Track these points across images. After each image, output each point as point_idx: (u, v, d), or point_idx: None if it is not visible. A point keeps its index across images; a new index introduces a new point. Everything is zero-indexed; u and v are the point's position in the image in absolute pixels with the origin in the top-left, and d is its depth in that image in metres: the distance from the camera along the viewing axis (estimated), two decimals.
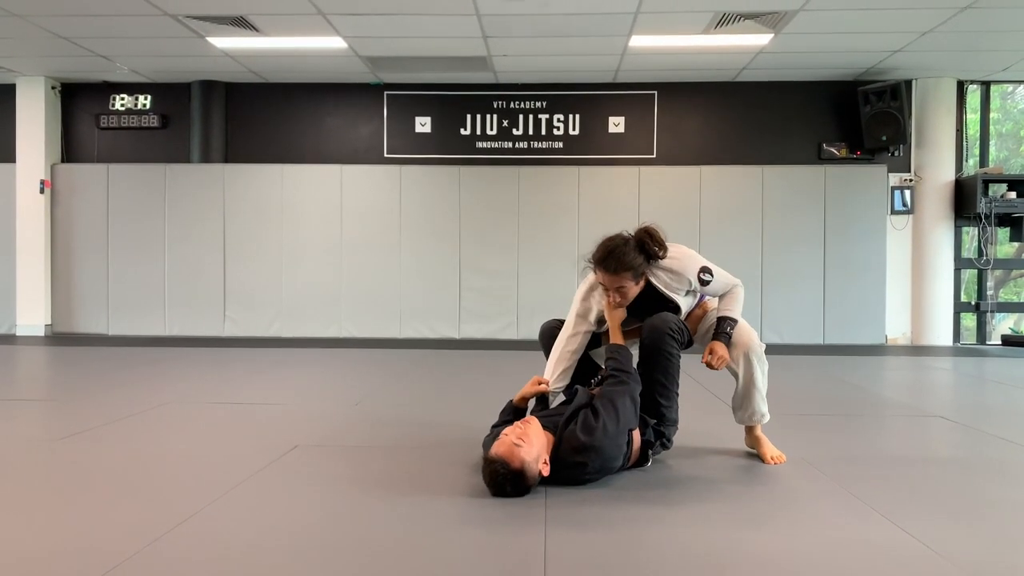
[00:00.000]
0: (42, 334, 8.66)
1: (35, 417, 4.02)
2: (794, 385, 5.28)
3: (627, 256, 2.79)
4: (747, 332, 3.04)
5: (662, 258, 2.86)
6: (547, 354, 3.11)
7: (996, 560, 2.01)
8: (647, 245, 2.83)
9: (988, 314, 8.65)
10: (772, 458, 3.05)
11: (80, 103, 8.89)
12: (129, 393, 4.64)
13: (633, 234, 2.87)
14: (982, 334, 8.64)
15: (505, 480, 2.47)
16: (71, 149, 8.92)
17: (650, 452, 2.86)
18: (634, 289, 2.86)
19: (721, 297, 3.04)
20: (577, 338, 3.01)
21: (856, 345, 8.18)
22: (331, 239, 8.67)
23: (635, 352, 3.00)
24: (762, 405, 3.07)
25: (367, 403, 4.37)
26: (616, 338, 2.93)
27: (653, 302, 2.94)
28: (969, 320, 8.79)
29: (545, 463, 2.55)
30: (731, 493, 2.63)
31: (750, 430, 3.17)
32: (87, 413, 3.97)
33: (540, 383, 2.98)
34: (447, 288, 8.62)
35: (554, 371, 3.00)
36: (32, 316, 8.69)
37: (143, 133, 8.85)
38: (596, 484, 2.65)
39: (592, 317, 3.02)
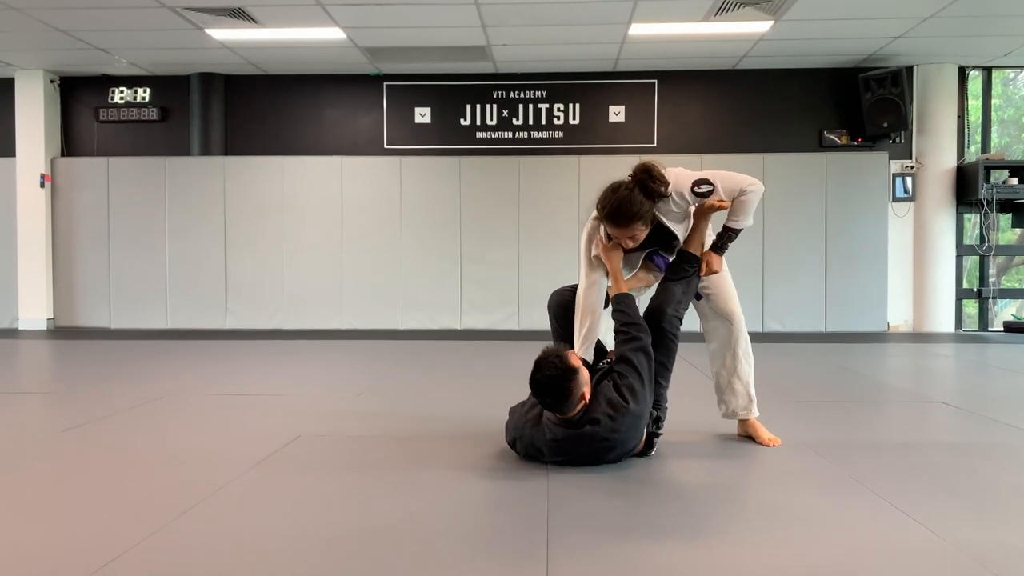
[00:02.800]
0: (44, 328, 8.67)
1: (38, 410, 4.03)
2: (796, 373, 5.28)
3: (635, 206, 2.66)
4: (736, 323, 3.05)
5: (666, 195, 2.74)
6: (558, 324, 3.01)
7: (999, 544, 2.01)
8: (650, 186, 2.69)
9: (990, 301, 8.63)
10: (768, 439, 3.06)
11: (79, 96, 8.87)
12: (131, 385, 4.65)
13: (633, 178, 2.71)
14: (984, 321, 8.63)
15: (553, 377, 2.52)
16: (71, 143, 8.91)
17: (655, 441, 2.87)
18: (644, 232, 2.76)
19: (734, 202, 2.84)
20: (595, 288, 2.88)
21: (858, 333, 8.17)
22: (332, 231, 8.66)
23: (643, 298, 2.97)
24: (735, 399, 3.07)
25: (369, 394, 4.38)
26: (619, 286, 2.85)
27: (657, 233, 2.85)
28: (971, 307, 8.78)
29: (587, 396, 2.60)
30: (733, 481, 2.63)
31: (743, 422, 3.16)
32: (90, 405, 3.98)
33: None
34: (448, 279, 8.61)
35: (580, 332, 2.87)
36: (34, 310, 8.70)
37: (142, 126, 8.84)
38: (599, 472, 2.65)
39: (597, 264, 2.90)
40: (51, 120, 8.75)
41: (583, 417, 2.61)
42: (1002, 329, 8.58)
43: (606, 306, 2.93)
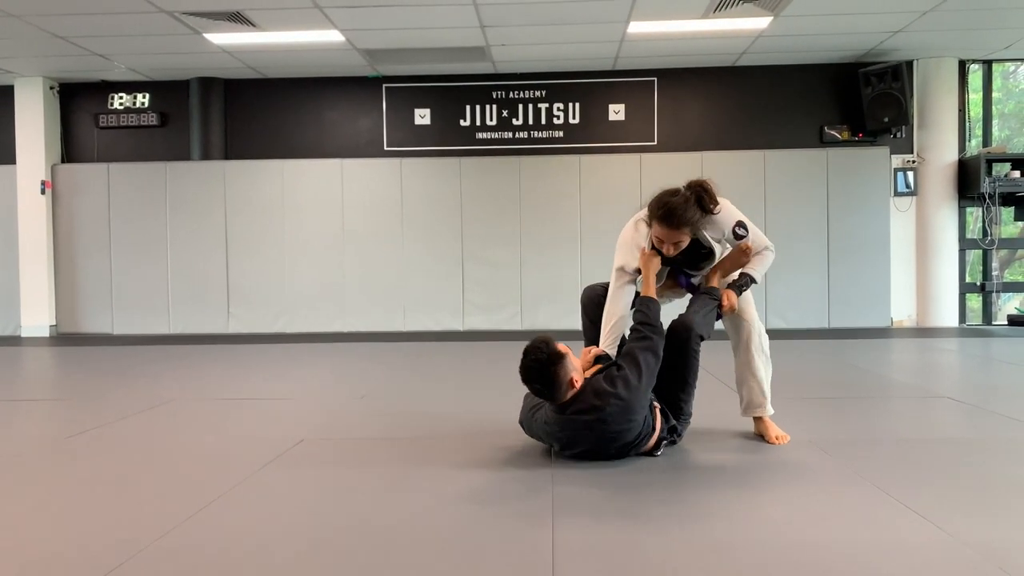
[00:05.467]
0: (47, 335, 8.68)
1: (44, 416, 4.03)
2: (801, 369, 5.27)
3: (688, 212, 2.82)
4: (751, 324, 3.14)
5: (715, 213, 2.90)
6: (589, 319, 3.13)
7: (1003, 538, 2.00)
8: (704, 201, 2.85)
9: (993, 294, 8.61)
10: (776, 437, 3.11)
11: (79, 103, 8.88)
12: (135, 391, 4.65)
13: (690, 189, 2.87)
14: (988, 314, 8.61)
15: (539, 361, 2.63)
16: (71, 149, 8.92)
17: (663, 442, 2.88)
18: (687, 241, 2.90)
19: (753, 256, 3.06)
20: (624, 291, 2.98)
21: (862, 328, 8.16)
22: (333, 233, 8.66)
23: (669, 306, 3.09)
24: (759, 396, 3.13)
25: (372, 396, 4.37)
26: (648, 290, 2.95)
27: (691, 250, 2.98)
28: (974, 301, 8.76)
29: (577, 381, 2.69)
30: (739, 479, 2.63)
31: (757, 420, 3.21)
32: (95, 411, 3.97)
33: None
34: (450, 280, 8.61)
35: (605, 328, 2.98)
36: (36, 317, 8.71)
37: (142, 131, 8.84)
38: (605, 467, 2.66)
39: (632, 268, 2.99)
40: (51, 127, 8.76)
41: (571, 403, 2.70)
42: (1006, 323, 8.56)
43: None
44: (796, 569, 1.83)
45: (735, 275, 3.11)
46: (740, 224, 2.97)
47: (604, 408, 2.64)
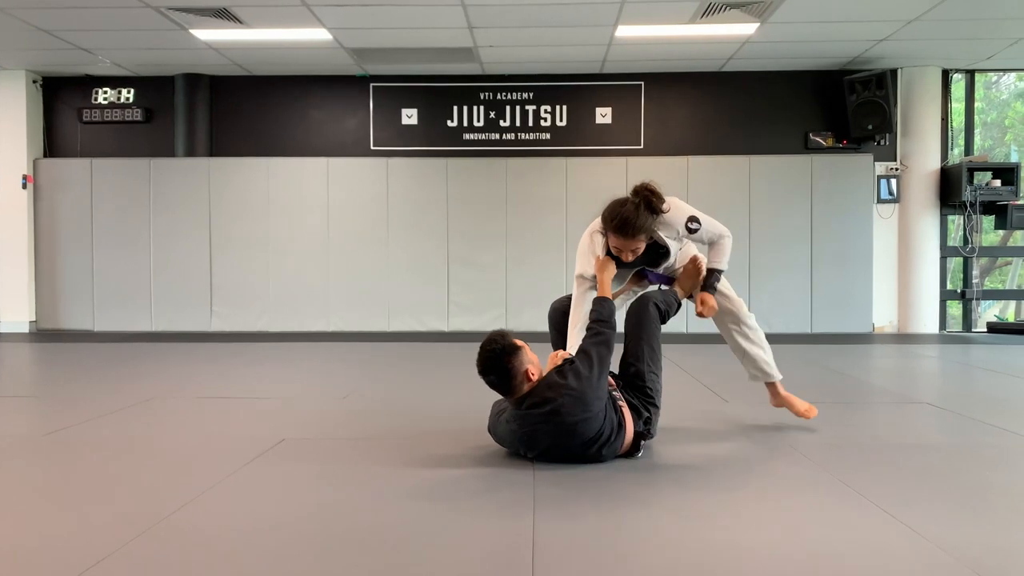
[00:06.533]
0: (26, 331, 8.59)
1: (21, 414, 3.98)
2: (782, 374, 5.28)
3: (640, 219, 2.90)
4: (733, 303, 3.32)
5: (665, 212, 2.98)
6: (557, 333, 3.22)
7: (984, 544, 2.02)
8: (652, 203, 2.93)
9: (974, 302, 8.70)
10: (804, 411, 3.36)
11: (62, 97, 8.79)
12: (116, 389, 4.61)
13: (637, 195, 2.94)
14: (968, 322, 8.70)
15: (494, 352, 2.69)
16: (53, 143, 8.83)
17: (642, 442, 2.89)
18: (643, 245, 3.00)
19: (710, 248, 3.18)
20: (586, 297, 3.09)
21: (843, 334, 8.21)
22: (318, 232, 8.63)
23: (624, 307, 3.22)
24: (765, 366, 3.38)
25: (354, 397, 4.36)
26: (604, 291, 3.03)
27: (648, 251, 3.08)
28: (955, 308, 8.85)
29: (534, 374, 2.74)
30: (719, 481, 2.63)
31: (773, 392, 3.44)
32: (73, 409, 3.93)
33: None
34: (436, 281, 8.59)
35: (571, 333, 3.06)
36: (16, 313, 8.61)
37: (126, 127, 8.77)
38: (585, 470, 2.65)
39: (590, 275, 3.10)
40: (33, 121, 8.67)
41: (527, 397, 2.74)
42: (985, 330, 8.65)
43: None
44: (773, 572, 1.84)
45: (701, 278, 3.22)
46: (692, 219, 3.06)
47: (557, 399, 2.67)
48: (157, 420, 3.70)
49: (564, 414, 2.67)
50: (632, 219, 2.89)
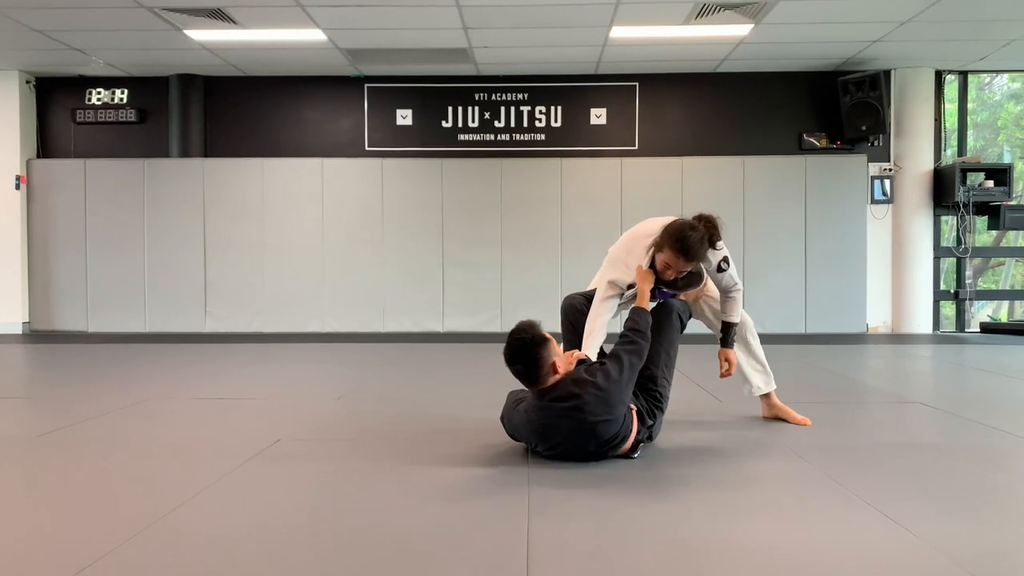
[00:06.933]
0: (20, 332, 8.55)
1: (13, 415, 3.96)
2: (777, 374, 5.27)
3: (703, 248, 3.04)
4: (741, 323, 3.46)
5: (717, 249, 3.17)
6: (573, 330, 3.25)
7: (978, 544, 2.03)
8: (714, 238, 3.11)
9: (967, 302, 8.74)
10: (800, 421, 3.45)
11: (56, 97, 8.76)
12: (109, 390, 4.59)
13: (703, 226, 3.06)
14: (961, 322, 8.73)
15: (523, 341, 2.70)
16: (47, 144, 8.80)
17: (640, 444, 2.91)
18: (688, 270, 3.12)
19: (724, 300, 3.33)
20: (608, 305, 3.16)
21: (837, 334, 8.24)
22: (313, 233, 8.62)
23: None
24: (755, 377, 3.49)
25: (349, 397, 4.35)
26: (643, 302, 3.07)
27: (687, 274, 3.21)
28: (948, 308, 8.88)
29: (560, 368, 2.74)
30: (713, 481, 2.64)
31: (768, 403, 3.53)
32: (67, 410, 3.92)
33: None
34: (430, 281, 8.59)
35: (587, 335, 3.12)
36: (9, 314, 8.58)
37: (120, 128, 8.75)
38: (580, 470, 2.66)
39: (625, 283, 3.16)
40: (27, 121, 8.64)
41: (551, 390, 2.74)
42: (979, 330, 8.68)
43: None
44: (768, 572, 1.84)
45: (715, 319, 3.44)
46: (725, 259, 3.22)
47: (582, 396, 2.67)
48: (151, 422, 3.69)
49: (587, 412, 2.67)
50: (697, 247, 2.99)
